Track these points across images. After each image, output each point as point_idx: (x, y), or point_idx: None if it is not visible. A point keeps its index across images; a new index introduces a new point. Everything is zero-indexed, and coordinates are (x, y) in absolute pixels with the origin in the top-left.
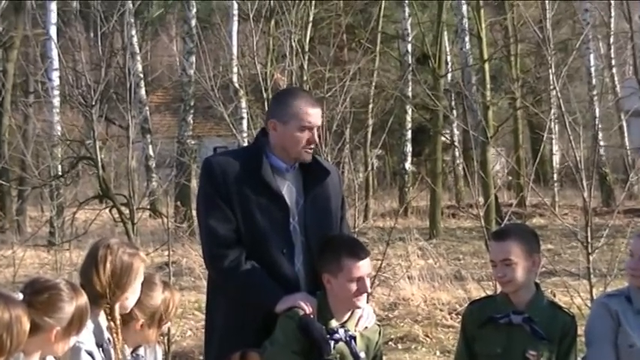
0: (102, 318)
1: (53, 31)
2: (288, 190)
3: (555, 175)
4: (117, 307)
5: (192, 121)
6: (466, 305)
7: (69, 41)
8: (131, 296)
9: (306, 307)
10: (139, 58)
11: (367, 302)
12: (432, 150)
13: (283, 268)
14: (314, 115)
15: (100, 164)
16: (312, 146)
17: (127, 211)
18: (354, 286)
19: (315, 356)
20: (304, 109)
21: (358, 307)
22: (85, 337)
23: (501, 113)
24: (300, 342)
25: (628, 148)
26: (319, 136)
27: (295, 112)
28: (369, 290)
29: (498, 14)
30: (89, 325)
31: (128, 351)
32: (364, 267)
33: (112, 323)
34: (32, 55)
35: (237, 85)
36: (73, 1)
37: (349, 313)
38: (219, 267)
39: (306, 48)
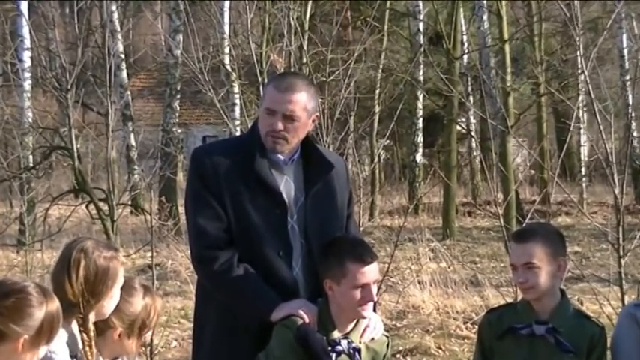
0: (76, 326)
1: (24, 6)
2: (286, 185)
3: (583, 169)
4: (91, 316)
5: (178, 108)
6: (483, 314)
7: (42, 18)
8: (109, 302)
9: (305, 316)
10: (119, 36)
11: (375, 311)
12: (446, 141)
13: (280, 272)
14: (277, 98)
15: (75, 155)
16: (277, 135)
17: (105, 208)
18: (358, 294)
19: None
20: (269, 90)
21: (364, 317)
22: (58, 347)
23: (523, 100)
24: (297, 354)
25: None
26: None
27: (264, 94)
28: (376, 298)
29: None
30: (62, 335)
31: None
32: (370, 273)
33: (84, 335)
34: (1, 33)
35: (228, 67)
36: None
37: (353, 323)
38: (209, 270)
39: (306, 26)
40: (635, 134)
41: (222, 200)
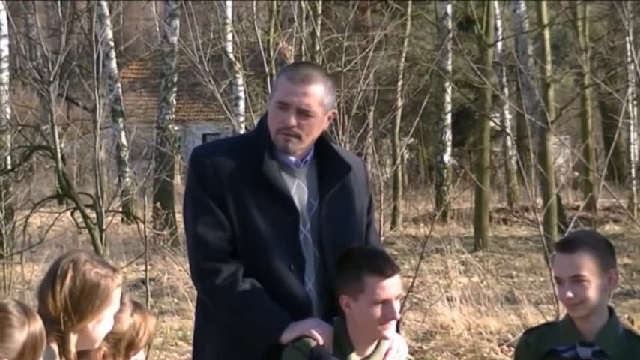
0: (55, 346)
1: None
2: (298, 190)
3: (633, 171)
4: (72, 337)
5: (175, 102)
6: (520, 334)
7: (20, 1)
8: (96, 326)
9: (319, 337)
10: (108, 22)
11: (398, 331)
12: (478, 139)
13: (291, 288)
14: (291, 90)
15: (59, 156)
16: (289, 133)
17: (93, 215)
18: (378, 311)
19: None
20: (281, 82)
21: (385, 338)
22: None
23: (565, 92)
24: None
25: None
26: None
27: (275, 86)
28: (399, 316)
29: None
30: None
31: None
32: (391, 287)
33: (64, 358)
34: None
35: (231, 56)
36: None
37: (374, 345)
38: (210, 285)
39: (319, 10)
40: None
41: (225, 206)
